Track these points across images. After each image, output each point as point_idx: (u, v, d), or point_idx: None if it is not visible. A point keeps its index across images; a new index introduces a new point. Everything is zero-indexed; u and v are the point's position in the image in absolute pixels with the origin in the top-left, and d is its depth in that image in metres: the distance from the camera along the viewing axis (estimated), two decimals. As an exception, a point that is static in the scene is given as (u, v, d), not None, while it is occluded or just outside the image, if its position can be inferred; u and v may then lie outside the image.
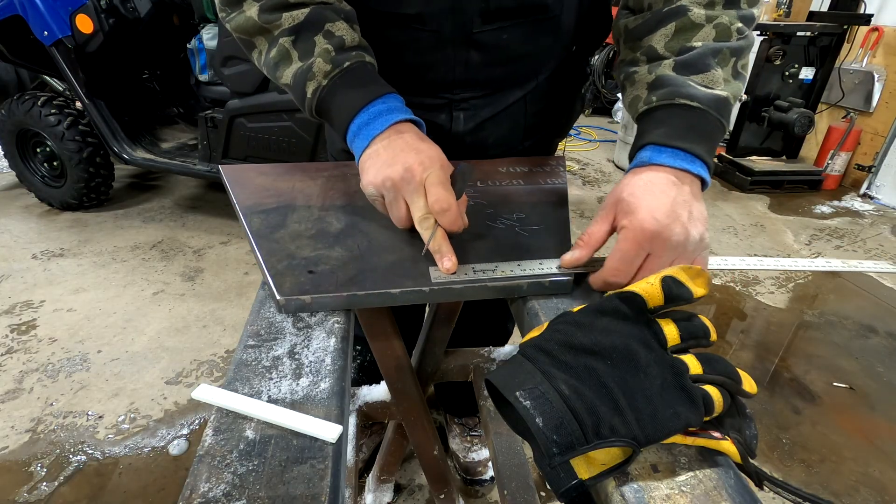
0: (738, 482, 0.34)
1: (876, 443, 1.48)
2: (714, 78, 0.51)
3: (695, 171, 0.50)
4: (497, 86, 0.71)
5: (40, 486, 1.26)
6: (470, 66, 0.67)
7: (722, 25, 0.52)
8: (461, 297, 0.53)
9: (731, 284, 2.30)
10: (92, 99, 2.37)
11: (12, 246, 2.35)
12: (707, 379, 0.37)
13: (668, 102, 0.51)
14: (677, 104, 0.51)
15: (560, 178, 0.77)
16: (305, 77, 0.57)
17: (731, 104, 0.52)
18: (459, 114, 0.71)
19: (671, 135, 0.50)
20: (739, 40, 0.53)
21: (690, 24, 0.53)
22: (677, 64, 0.52)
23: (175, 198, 2.92)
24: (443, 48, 0.65)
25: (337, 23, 0.57)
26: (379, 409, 0.87)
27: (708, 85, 0.51)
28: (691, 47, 0.52)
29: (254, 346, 0.45)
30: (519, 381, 0.36)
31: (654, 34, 0.55)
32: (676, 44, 0.53)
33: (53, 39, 2.23)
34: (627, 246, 0.46)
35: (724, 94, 0.51)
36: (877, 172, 3.34)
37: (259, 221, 0.61)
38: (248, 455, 0.34)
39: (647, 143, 0.51)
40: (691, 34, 0.53)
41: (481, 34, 0.64)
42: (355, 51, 0.57)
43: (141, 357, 1.69)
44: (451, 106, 0.71)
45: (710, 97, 0.50)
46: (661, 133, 0.50)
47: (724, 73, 0.52)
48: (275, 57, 0.58)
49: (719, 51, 0.52)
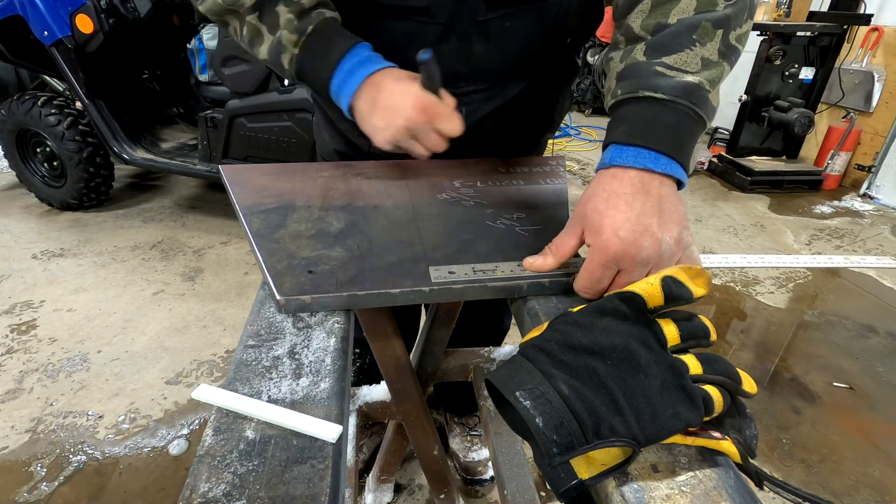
0: (738, 482, 0.34)
1: (876, 443, 1.48)
2: (687, 59, 0.46)
3: (660, 169, 0.45)
4: (498, 79, 0.71)
5: (40, 486, 1.26)
6: (472, 57, 0.66)
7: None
8: (461, 297, 0.53)
9: (731, 284, 2.30)
10: (92, 99, 2.37)
11: (12, 246, 2.35)
12: (707, 379, 0.37)
13: (631, 96, 0.47)
14: (641, 97, 0.46)
15: (560, 178, 0.77)
16: (278, 51, 0.59)
17: (707, 89, 0.46)
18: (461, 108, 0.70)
19: (632, 133, 0.46)
20: (727, 8, 0.46)
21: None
22: (649, 46, 0.47)
23: (175, 198, 2.92)
24: (447, 39, 0.64)
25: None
26: (379, 409, 0.87)
27: (680, 68, 0.46)
28: (666, 24, 0.47)
29: (254, 346, 0.45)
30: (519, 381, 0.36)
31: (632, 12, 0.50)
32: (652, 20, 0.48)
33: (53, 39, 2.23)
34: (594, 266, 0.45)
35: (695, 81, 0.45)
36: (877, 172, 3.34)
37: (259, 221, 0.61)
38: (248, 455, 0.34)
39: (610, 142, 0.48)
40: (669, 7, 0.47)
41: (486, 22, 0.63)
42: (314, 10, 0.58)
43: (141, 357, 1.69)
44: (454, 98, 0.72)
45: (677, 86, 0.45)
46: (624, 131, 0.47)
47: (706, 51, 0.46)
48: (248, 35, 0.60)
49: (697, 25, 0.46)
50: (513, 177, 0.76)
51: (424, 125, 0.57)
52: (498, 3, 0.62)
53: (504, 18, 0.64)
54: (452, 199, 0.69)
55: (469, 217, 0.64)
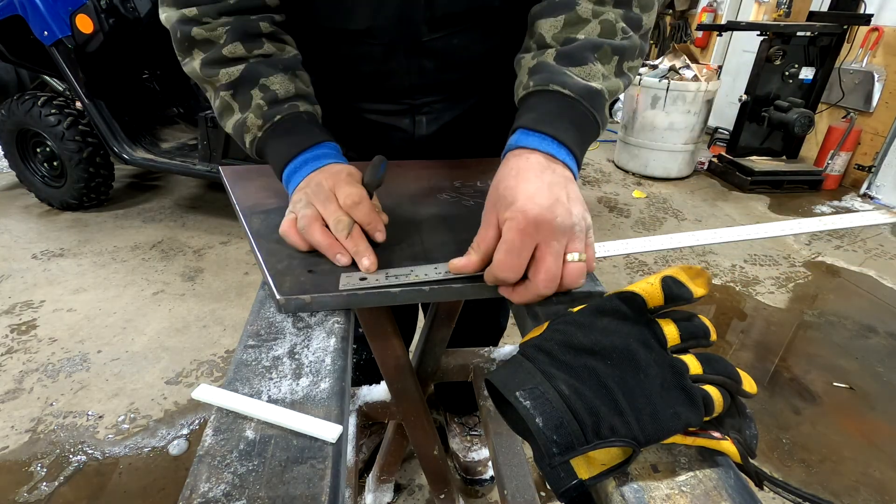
0: (738, 482, 0.34)
1: (876, 443, 1.48)
2: (591, 71, 0.51)
3: (561, 158, 0.49)
4: (455, 90, 0.72)
5: (40, 486, 1.26)
6: (424, 72, 0.68)
7: (607, 22, 0.53)
8: (461, 296, 0.52)
9: (731, 284, 2.30)
10: (92, 99, 2.37)
11: (12, 246, 2.35)
12: (707, 379, 0.37)
13: (542, 88, 0.51)
14: (550, 90, 0.51)
15: (560, 178, 0.77)
16: (242, 129, 0.60)
17: (606, 98, 0.52)
18: (422, 118, 0.72)
19: (540, 119, 0.50)
20: (623, 40, 0.53)
21: (577, 18, 0.53)
22: (558, 54, 0.52)
23: (175, 198, 2.92)
24: (395, 58, 0.66)
25: (272, 77, 0.59)
26: (379, 409, 0.87)
27: (584, 77, 0.51)
28: (575, 39, 0.53)
29: (254, 346, 0.45)
30: (519, 381, 0.36)
31: (546, 22, 0.55)
32: (562, 35, 0.53)
33: (53, 39, 2.23)
34: (513, 236, 0.44)
35: (598, 87, 0.51)
36: (877, 172, 3.34)
37: (259, 221, 0.61)
38: (248, 455, 0.34)
39: (517, 126, 0.51)
40: (577, 28, 0.53)
41: (431, 42, 0.65)
42: (288, 102, 0.60)
43: (141, 357, 1.69)
44: (413, 111, 0.72)
45: (582, 88, 0.50)
46: (532, 117, 0.50)
47: (605, 69, 0.52)
48: (218, 107, 0.61)
49: (600, 46, 0.52)
50: (513, 177, 0.76)
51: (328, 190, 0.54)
52: (440, 24, 0.64)
53: (450, 37, 0.65)
54: (452, 199, 0.69)
55: (469, 217, 0.64)
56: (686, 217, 3.00)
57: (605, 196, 3.27)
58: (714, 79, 3.35)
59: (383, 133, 0.75)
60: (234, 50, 0.58)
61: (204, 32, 0.58)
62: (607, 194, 3.30)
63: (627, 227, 2.83)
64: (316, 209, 0.53)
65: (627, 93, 3.60)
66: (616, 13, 0.53)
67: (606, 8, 0.53)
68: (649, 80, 3.37)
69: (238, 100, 0.60)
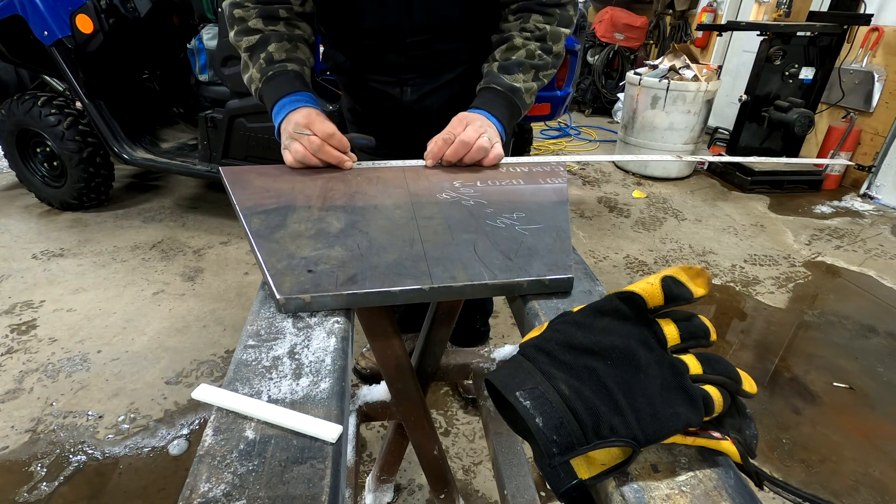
0: (738, 482, 0.34)
1: (876, 443, 1.48)
2: (515, 78, 0.88)
3: (493, 122, 0.84)
4: (432, 70, 1.01)
5: (40, 486, 1.26)
6: (410, 58, 0.98)
7: (529, 51, 0.88)
8: (461, 295, 0.53)
9: (731, 284, 2.30)
10: (92, 99, 2.37)
11: (12, 246, 2.35)
12: (707, 379, 0.37)
13: (489, 86, 0.88)
14: (493, 87, 0.87)
15: (560, 177, 0.77)
16: (251, 81, 0.88)
17: (524, 92, 0.88)
18: (407, 88, 1.02)
19: (486, 104, 0.86)
20: (539, 61, 0.89)
21: (513, 46, 0.89)
22: (500, 66, 0.89)
23: (175, 198, 2.92)
24: (391, 48, 0.96)
25: (276, 44, 0.86)
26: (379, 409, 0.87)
27: (510, 81, 0.87)
28: (509, 58, 0.89)
29: (254, 346, 0.45)
30: (519, 381, 0.36)
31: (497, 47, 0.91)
32: (503, 55, 0.90)
33: (53, 39, 2.23)
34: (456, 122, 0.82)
35: (518, 86, 0.87)
36: (877, 172, 3.34)
37: (259, 222, 0.61)
38: (248, 455, 0.34)
39: (474, 106, 0.87)
40: (513, 52, 0.89)
41: (414, 42, 0.94)
42: (279, 64, 0.86)
43: (141, 357, 1.69)
44: (402, 83, 1.01)
45: (509, 87, 0.87)
46: (480, 101, 0.87)
47: (524, 77, 0.88)
48: (242, 66, 0.90)
49: (522, 64, 0.88)
50: (513, 176, 0.76)
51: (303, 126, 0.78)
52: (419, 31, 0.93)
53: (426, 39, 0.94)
54: (452, 199, 0.69)
55: (469, 216, 0.64)
56: (686, 217, 3.00)
57: (605, 196, 3.27)
58: (714, 79, 3.35)
59: (382, 97, 1.04)
60: (256, 24, 0.86)
61: (241, 13, 0.86)
62: (607, 194, 3.30)
63: (627, 227, 2.82)
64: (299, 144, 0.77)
65: (627, 93, 3.61)
66: (536, 44, 0.89)
67: (530, 42, 0.89)
68: (649, 80, 3.37)
69: (252, 60, 0.86)
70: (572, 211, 3.01)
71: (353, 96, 1.10)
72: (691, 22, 5.11)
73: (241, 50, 0.87)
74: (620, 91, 4.73)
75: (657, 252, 2.57)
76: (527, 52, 0.88)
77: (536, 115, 2.54)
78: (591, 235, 2.72)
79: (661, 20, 5.30)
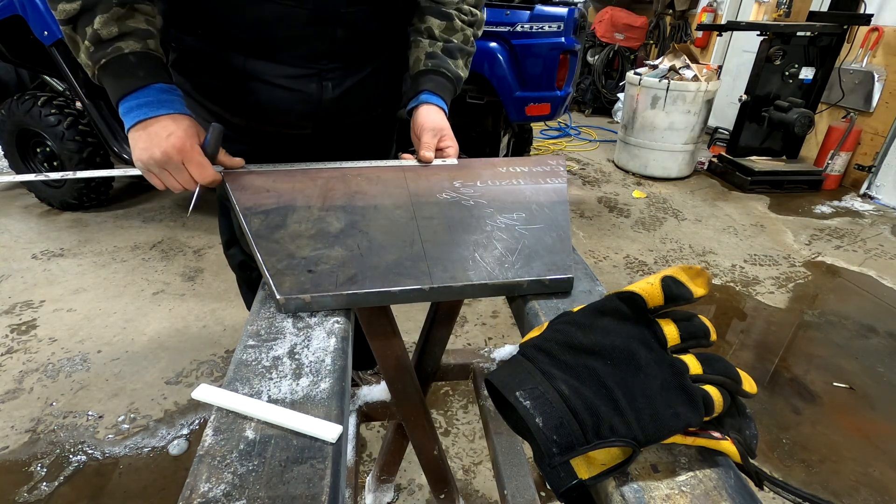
0: (738, 482, 0.34)
1: (876, 443, 1.48)
2: (458, 64, 0.87)
3: (442, 106, 0.85)
4: (355, 59, 0.86)
5: (40, 486, 1.26)
6: (336, 41, 0.81)
7: (465, 36, 0.88)
8: (461, 295, 0.53)
9: (731, 284, 2.30)
10: (92, 99, 2.37)
11: (12, 246, 2.35)
12: (707, 379, 0.37)
13: (437, 69, 0.85)
14: (441, 71, 0.85)
15: (560, 177, 0.77)
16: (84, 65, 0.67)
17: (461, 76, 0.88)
18: (328, 83, 0.84)
19: (437, 88, 0.85)
20: (471, 48, 0.90)
21: (454, 27, 0.86)
22: (444, 49, 0.86)
23: (175, 198, 2.92)
24: (315, 24, 0.77)
25: (102, 16, 0.63)
26: (379, 409, 0.87)
27: (455, 67, 0.86)
28: (451, 40, 0.86)
29: (254, 346, 0.45)
30: (519, 381, 0.36)
31: (434, 21, 0.86)
32: (445, 35, 0.86)
33: (53, 39, 2.22)
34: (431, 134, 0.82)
35: (461, 74, 0.88)
36: (877, 172, 3.34)
37: (259, 221, 0.61)
38: (248, 455, 0.34)
39: (424, 89, 0.85)
40: (452, 34, 0.87)
41: (347, 13, 0.79)
42: (111, 45, 0.64)
43: (141, 357, 1.69)
44: (321, 76, 0.83)
45: (455, 73, 0.87)
46: (432, 86, 0.85)
47: (463, 63, 0.88)
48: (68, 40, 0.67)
49: (462, 49, 0.88)
50: (513, 176, 0.76)
51: (178, 163, 0.66)
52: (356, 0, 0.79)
53: (360, 10, 0.80)
54: (452, 199, 0.69)
55: (469, 216, 0.64)
56: (686, 217, 3.00)
57: (605, 196, 3.27)
58: (714, 79, 3.35)
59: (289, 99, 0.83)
60: None
61: None
62: (607, 194, 3.30)
63: (627, 227, 2.82)
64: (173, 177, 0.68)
65: (628, 93, 3.60)
66: (470, 31, 0.89)
67: (466, 28, 0.88)
68: (649, 80, 3.37)
69: (76, 36, 0.65)
70: (572, 211, 3.01)
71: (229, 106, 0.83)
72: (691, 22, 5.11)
73: (60, 22, 0.65)
74: (620, 91, 4.74)
75: (657, 252, 2.57)
76: (464, 36, 0.87)
77: (536, 115, 2.53)
78: (591, 235, 2.72)
79: (661, 20, 5.30)
